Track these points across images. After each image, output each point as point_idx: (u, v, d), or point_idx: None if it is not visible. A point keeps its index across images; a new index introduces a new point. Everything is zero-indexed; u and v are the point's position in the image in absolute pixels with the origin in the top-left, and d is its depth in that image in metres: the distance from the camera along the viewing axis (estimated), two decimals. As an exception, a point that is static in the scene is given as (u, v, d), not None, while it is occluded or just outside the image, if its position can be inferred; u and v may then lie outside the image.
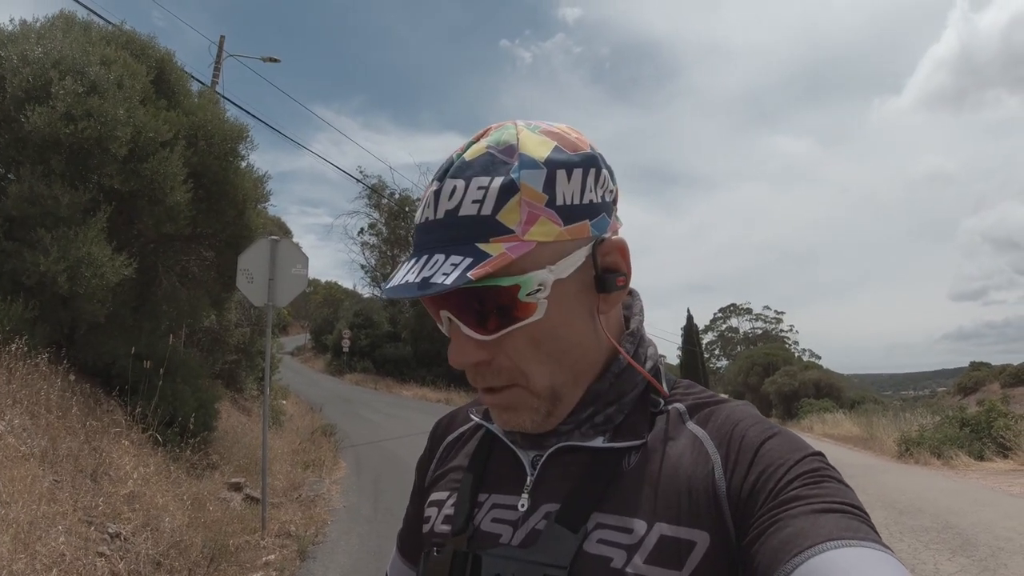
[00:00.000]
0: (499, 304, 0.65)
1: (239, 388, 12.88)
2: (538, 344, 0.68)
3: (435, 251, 0.65)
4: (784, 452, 0.64)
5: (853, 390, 43.55)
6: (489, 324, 0.66)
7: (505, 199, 0.64)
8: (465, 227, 0.65)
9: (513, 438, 0.78)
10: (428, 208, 0.68)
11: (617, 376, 0.74)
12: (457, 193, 0.66)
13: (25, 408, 4.75)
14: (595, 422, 0.73)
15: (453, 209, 0.66)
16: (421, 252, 0.67)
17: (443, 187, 0.67)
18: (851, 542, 0.53)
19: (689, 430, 0.71)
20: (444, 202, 0.66)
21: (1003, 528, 7.24)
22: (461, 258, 0.63)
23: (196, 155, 7.30)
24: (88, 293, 5.88)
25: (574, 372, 0.72)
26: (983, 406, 15.87)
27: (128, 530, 4.35)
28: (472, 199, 0.65)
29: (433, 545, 0.75)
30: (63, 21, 7.11)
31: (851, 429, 23.18)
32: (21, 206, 5.89)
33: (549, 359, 0.69)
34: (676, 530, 0.63)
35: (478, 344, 0.67)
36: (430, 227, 0.67)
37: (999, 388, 31.30)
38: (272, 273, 6.50)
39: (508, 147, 0.67)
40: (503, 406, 0.72)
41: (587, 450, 0.72)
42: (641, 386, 0.76)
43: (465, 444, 0.86)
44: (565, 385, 0.71)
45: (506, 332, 0.66)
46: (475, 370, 0.70)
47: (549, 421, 0.72)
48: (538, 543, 0.67)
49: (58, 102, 5.99)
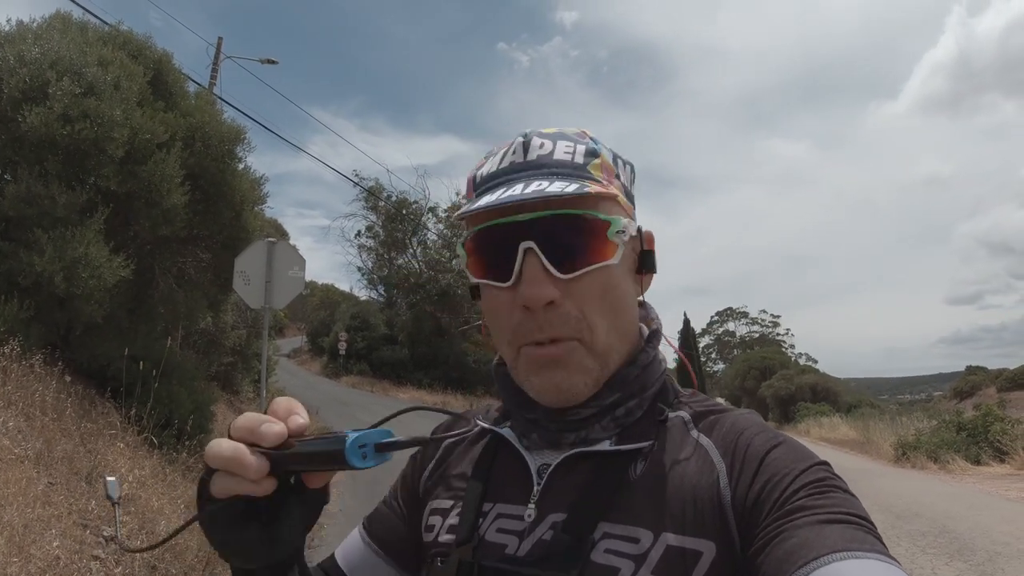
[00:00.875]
0: (587, 239, 0.68)
1: (235, 390, 12.85)
2: (604, 294, 0.70)
3: (533, 179, 0.69)
4: (790, 461, 0.63)
5: (850, 394, 43.62)
6: (571, 261, 0.68)
7: (590, 159, 0.72)
8: (561, 167, 0.70)
9: (528, 442, 0.77)
10: (514, 154, 0.72)
11: (644, 368, 0.75)
12: (547, 146, 0.72)
13: (20, 410, 4.73)
14: (616, 415, 0.73)
15: (546, 155, 0.71)
16: (514, 182, 0.70)
17: (531, 140, 0.72)
18: (857, 553, 0.52)
19: (694, 438, 0.71)
20: (535, 150, 0.71)
21: (1000, 532, 7.24)
22: (567, 183, 0.67)
23: (193, 157, 7.28)
24: (85, 294, 5.85)
25: (621, 338, 0.73)
26: (979, 410, 15.92)
27: (123, 533, 4.32)
28: (563, 151, 0.71)
29: (436, 555, 0.74)
30: (60, 21, 7.10)
31: (847, 433, 23.24)
32: (18, 206, 5.87)
33: (611, 313, 0.71)
34: (682, 540, 0.63)
35: (554, 281, 0.67)
36: (520, 167, 0.71)
37: (995, 392, 31.40)
38: (269, 275, 6.49)
39: (579, 131, 0.75)
40: (561, 361, 0.70)
41: (594, 456, 0.72)
42: (659, 384, 0.77)
43: (468, 450, 0.85)
44: (614, 350, 0.72)
45: (585, 271, 0.68)
46: (543, 314, 0.68)
47: (590, 391, 0.72)
48: (546, 553, 0.66)
49: (55, 103, 5.97)
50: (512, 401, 0.78)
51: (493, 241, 0.70)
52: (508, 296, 0.70)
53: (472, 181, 0.77)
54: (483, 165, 0.76)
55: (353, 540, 0.89)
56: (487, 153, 0.78)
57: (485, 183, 0.73)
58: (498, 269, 0.70)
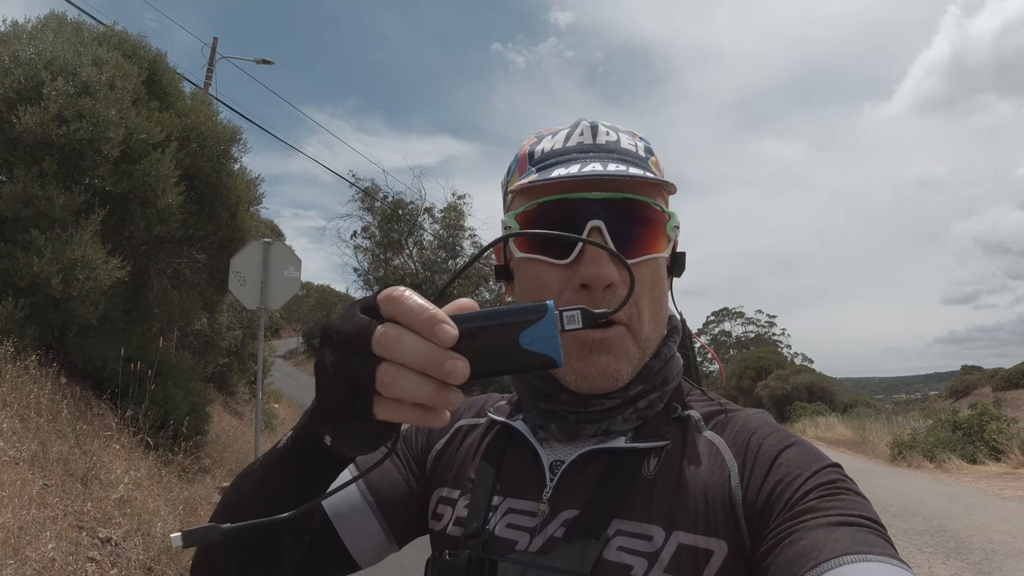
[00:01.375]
0: (649, 228, 0.70)
1: (231, 391, 12.81)
2: (653, 284, 0.72)
3: (608, 161, 0.70)
4: (801, 463, 0.63)
5: (845, 394, 43.78)
6: (631, 247, 0.69)
7: (649, 155, 0.75)
8: (630, 155, 0.73)
9: (545, 434, 0.76)
10: (581, 135, 0.74)
11: (666, 362, 0.76)
12: (612, 134, 0.74)
13: (15, 411, 4.70)
14: (638, 407, 0.73)
15: (614, 141, 0.73)
16: (590, 160, 0.71)
17: (598, 125, 0.74)
18: (868, 556, 0.52)
19: (706, 437, 0.71)
20: (603, 135, 0.74)
21: (996, 531, 7.26)
22: (642, 170, 0.70)
23: (188, 157, 7.25)
24: (81, 295, 5.83)
25: (658, 330, 0.75)
26: (975, 409, 15.96)
27: (119, 535, 4.31)
28: (628, 142, 0.74)
29: (444, 548, 0.73)
30: (54, 22, 7.06)
31: (844, 433, 23.31)
32: (14, 207, 5.84)
33: (654, 303, 0.73)
34: (694, 538, 0.63)
35: (616, 264, 0.68)
36: (590, 147, 0.73)
37: (991, 392, 31.42)
38: (264, 276, 6.48)
39: (630, 130, 0.78)
40: (610, 346, 0.70)
41: (608, 452, 0.71)
42: (678, 380, 0.78)
43: (480, 440, 0.83)
44: (652, 341, 0.74)
45: (643, 259, 0.70)
46: (602, 295, 0.68)
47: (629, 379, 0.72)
48: (557, 550, 0.66)
49: (50, 103, 5.95)
50: (531, 391, 0.77)
51: (556, 216, 0.69)
52: (562, 274, 0.69)
53: (527, 156, 0.76)
54: (538, 142, 0.76)
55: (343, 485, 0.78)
56: (536, 134, 0.79)
57: (549, 158, 0.73)
58: (555, 245, 0.69)
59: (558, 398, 0.74)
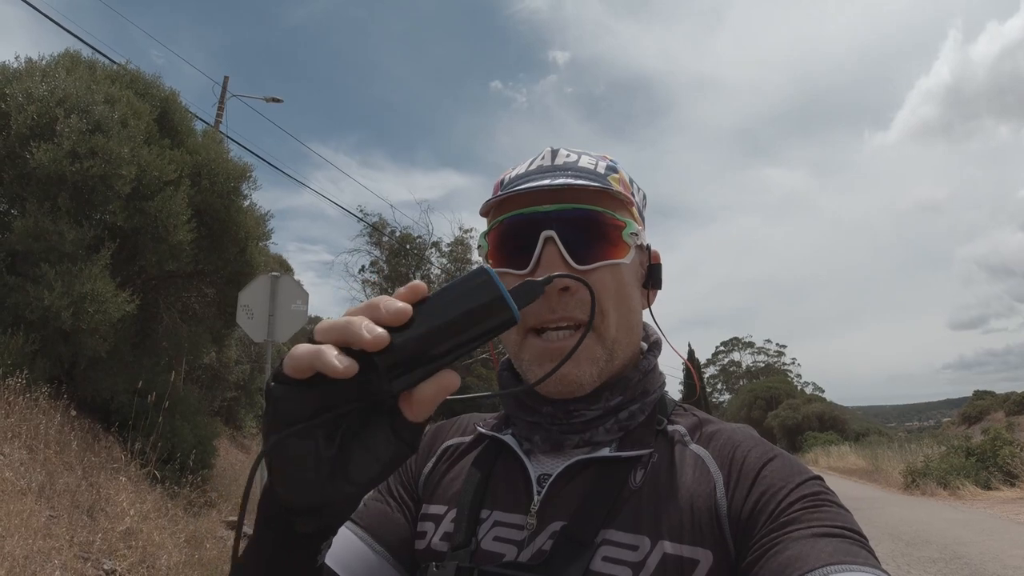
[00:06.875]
0: (603, 236, 0.74)
1: (238, 425, 12.79)
2: (616, 290, 0.74)
3: (559, 176, 0.75)
4: (785, 475, 0.66)
5: (857, 422, 43.19)
6: (586, 254, 0.73)
7: (611, 172, 0.78)
8: (586, 172, 0.76)
9: (530, 446, 0.78)
10: (542, 160, 0.79)
11: (645, 374, 0.79)
12: (572, 156, 0.79)
13: (23, 442, 4.74)
14: (619, 417, 0.75)
15: (573, 161, 0.78)
16: (545, 178, 0.75)
17: (558, 150, 0.79)
18: (850, 567, 0.53)
19: (691, 450, 0.73)
20: (562, 157, 0.79)
21: (1011, 557, 7.12)
22: (591, 181, 0.74)
23: (199, 194, 7.39)
24: (90, 328, 5.90)
25: (627, 335, 0.77)
26: (988, 435, 15.74)
27: (124, 567, 4.30)
28: (587, 161, 0.78)
29: (430, 562, 0.73)
30: (68, 59, 7.26)
31: (856, 462, 22.96)
32: (26, 241, 5.95)
33: (620, 306, 0.75)
34: (679, 548, 0.64)
35: (570, 270, 0.71)
36: (547, 168, 0.78)
37: (1004, 416, 31.00)
38: (272, 309, 6.52)
39: (601, 154, 0.82)
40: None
41: (595, 463, 0.73)
42: (659, 393, 0.80)
43: (465, 456, 0.84)
44: (620, 345, 0.76)
45: (600, 265, 0.73)
46: (557, 298, 0.72)
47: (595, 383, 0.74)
48: (546, 561, 0.67)
49: (63, 140, 6.09)
50: (515, 404, 0.80)
51: (515, 231, 0.75)
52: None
53: (500, 184, 0.82)
54: (511, 171, 0.82)
55: (346, 541, 0.77)
56: (514, 165, 0.84)
57: (514, 183, 0.78)
58: (518, 257, 0.74)
59: (540, 410, 0.76)
